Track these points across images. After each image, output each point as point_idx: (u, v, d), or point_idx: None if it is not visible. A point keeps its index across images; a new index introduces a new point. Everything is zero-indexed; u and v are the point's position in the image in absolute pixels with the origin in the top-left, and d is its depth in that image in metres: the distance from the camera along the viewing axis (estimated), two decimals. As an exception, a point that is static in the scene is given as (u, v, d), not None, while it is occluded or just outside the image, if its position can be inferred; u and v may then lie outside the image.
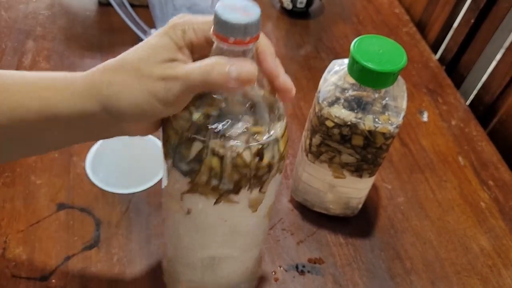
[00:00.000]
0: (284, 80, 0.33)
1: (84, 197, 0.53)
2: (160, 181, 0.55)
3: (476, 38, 0.75)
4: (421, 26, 0.85)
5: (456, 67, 0.79)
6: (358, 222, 0.55)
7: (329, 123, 0.46)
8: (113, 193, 0.54)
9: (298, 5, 0.80)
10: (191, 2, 0.65)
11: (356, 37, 0.45)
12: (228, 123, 0.32)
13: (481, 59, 0.74)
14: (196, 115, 0.32)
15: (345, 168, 0.49)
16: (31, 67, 0.67)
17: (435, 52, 0.81)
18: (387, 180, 0.60)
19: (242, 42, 0.30)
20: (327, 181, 0.51)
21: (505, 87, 0.68)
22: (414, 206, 0.57)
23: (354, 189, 0.51)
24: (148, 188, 0.55)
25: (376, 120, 0.45)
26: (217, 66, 0.30)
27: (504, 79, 0.68)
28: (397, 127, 0.45)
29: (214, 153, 0.32)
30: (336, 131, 0.46)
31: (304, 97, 0.68)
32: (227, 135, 0.32)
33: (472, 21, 0.75)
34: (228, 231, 0.38)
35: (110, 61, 0.33)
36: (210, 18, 0.32)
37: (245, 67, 0.30)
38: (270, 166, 0.34)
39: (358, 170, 0.49)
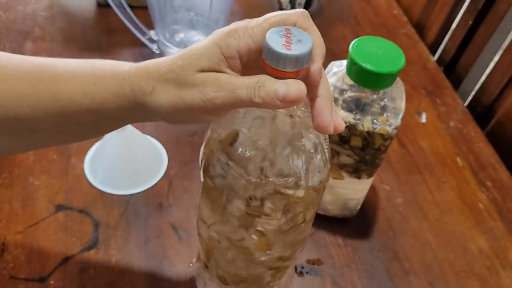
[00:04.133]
0: (337, 126, 0.32)
1: (82, 199, 0.53)
2: (158, 183, 0.55)
3: (474, 40, 0.75)
4: (420, 28, 0.85)
5: (454, 69, 0.79)
6: (357, 223, 0.55)
7: (328, 124, 0.46)
8: (111, 194, 0.54)
9: (297, 7, 0.81)
10: (190, 3, 0.65)
11: (354, 39, 0.45)
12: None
13: (479, 61, 0.74)
14: None
15: (344, 169, 0.49)
16: (30, 68, 0.67)
17: (433, 54, 0.81)
18: (386, 181, 0.60)
19: (291, 73, 0.29)
20: (326, 182, 0.51)
21: (503, 88, 0.69)
22: (413, 207, 0.58)
23: (353, 190, 0.51)
24: (146, 190, 0.55)
25: (375, 121, 0.45)
26: (266, 83, 0.30)
27: (502, 80, 0.69)
28: (395, 128, 0.45)
29: None
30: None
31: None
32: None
33: (470, 22, 0.75)
34: None
35: (156, 66, 0.33)
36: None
37: (293, 87, 0.29)
38: None
39: (356, 171, 0.49)
